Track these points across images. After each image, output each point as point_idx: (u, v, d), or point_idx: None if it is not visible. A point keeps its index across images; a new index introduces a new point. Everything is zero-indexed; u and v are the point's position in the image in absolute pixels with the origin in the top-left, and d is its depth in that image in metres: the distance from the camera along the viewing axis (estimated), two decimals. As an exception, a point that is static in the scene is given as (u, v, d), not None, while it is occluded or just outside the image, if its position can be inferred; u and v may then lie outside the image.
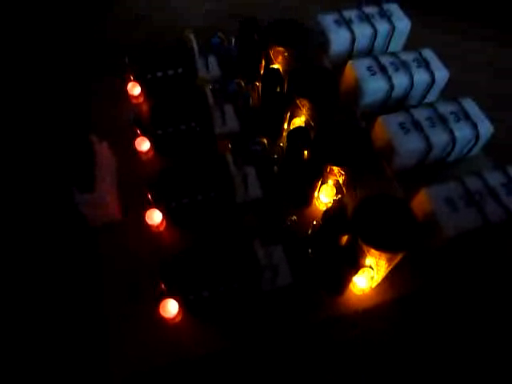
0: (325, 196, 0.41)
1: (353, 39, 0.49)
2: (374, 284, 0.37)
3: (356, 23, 0.49)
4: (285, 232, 0.38)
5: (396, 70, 0.46)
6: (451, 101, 0.44)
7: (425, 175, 0.44)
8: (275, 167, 0.41)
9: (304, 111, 0.42)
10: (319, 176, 0.39)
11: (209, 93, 0.43)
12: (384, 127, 0.43)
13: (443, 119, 0.43)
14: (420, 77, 0.46)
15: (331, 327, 0.36)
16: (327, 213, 0.35)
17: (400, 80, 0.45)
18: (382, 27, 0.49)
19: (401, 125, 0.42)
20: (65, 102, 0.49)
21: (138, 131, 0.42)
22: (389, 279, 0.37)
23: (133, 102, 0.47)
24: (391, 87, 0.45)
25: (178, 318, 0.35)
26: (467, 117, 0.43)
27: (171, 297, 0.33)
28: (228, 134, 0.43)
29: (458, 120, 0.43)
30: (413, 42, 0.52)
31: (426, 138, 0.41)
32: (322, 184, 0.40)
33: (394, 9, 0.51)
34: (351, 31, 0.49)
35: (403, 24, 0.50)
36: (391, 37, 0.51)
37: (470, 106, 0.44)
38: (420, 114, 0.43)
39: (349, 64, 0.47)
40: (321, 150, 0.38)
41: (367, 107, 0.47)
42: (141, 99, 0.47)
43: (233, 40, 0.48)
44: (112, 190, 0.40)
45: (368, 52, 0.52)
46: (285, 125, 0.45)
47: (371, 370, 0.35)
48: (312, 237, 0.37)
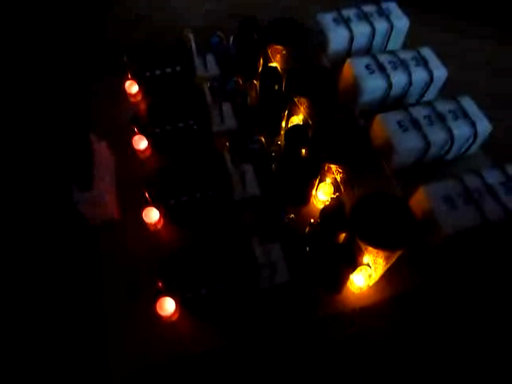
0: (323, 194, 0.41)
1: (351, 38, 0.49)
2: (372, 282, 0.37)
3: (354, 22, 0.49)
4: (283, 230, 0.38)
5: (394, 69, 0.46)
6: (449, 99, 0.44)
7: (423, 173, 0.44)
8: (273, 165, 0.41)
9: (302, 109, 0.42)
10: (317, 174, 0.39)
11: (207, 91, 0.43)
12: (382, 125, 0.42)
13: (441, 117, 0.42)
14: (418, 75, 0.46)
15: (329, 325, 0.36)
16: (325, 211, 0.35)
17: (398, 78, 0.45)
18: (381, 26, 0.49)
19: (399, 123, 0.42)
20: (64, 102, 0.49)
21: (136, 129, 0.42)
22: (387, 277, 0.37)
23: (131, 101, 0.47)
24: (389, 86, 0.45)
25: (176, 316, 0.35)
26: (465, 115, 0.43)
27: (168, 295, 0.33)
28: (226, 132, 0.43)
29: (457, 118, 0.43)
30: (411, 41, 0.52)
31: (425, 137, 0.41)
32: (320, 182, 0.40)
33: (393, 7, 0.51)
34: (350, 30, 0.49)
35: (402, 23, 0.50)
36: (390, 35, 0.51)
37: (469, 105, 0.44)
38: (418, 113, 0.43)
39: (347, 62, 0.47)
40: (319, 148, 0.38)
41: (366, 105, 0.47)
42: (139, 97, 0.47)
43: (231, 39, 0.48)
44: (111, 189, 0.40)
45: (367, 50, 0.52)
46: (283, 123, 0.45)
47: (369, 368, 0.35)
48: (310, 235, 0.37)
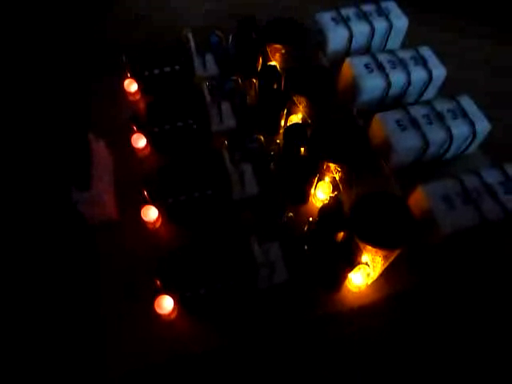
0: (321, 193, 0.41)
1: (350, 37, 0.49)
2: (370, 281, 0.37)
3: (354, 21, 0.49)
4: (281, 229, 0.38)
5: (393, 68, 0.46)
6: (448, 98, 0.44)
7: (422, 173, 0.44)
8: (272, 164, 0.41)
9: (301, 108, 0.42)
10: (316, 173, 0.39)
11: (206, 90, 0.43)
12: (381, 124, 0.43)
13: (440, 117, 0.42)
14: (417, 74, 0.46)
15: (327, 324, 0.36)
16: (324, 210, 0.35)
17: (397, 78, 0.45)
18: (380, 25, 0.49)
19: (398, 122, 0.42)
20: (63, 101, 0.49)
21: (135, 128, 0.42)
22: (385, 276, 0.37)
23: (130, 100, 0.47)
24: (388, 85, 0.45)
25: (174, 315, 0.35)
26: (464, 114, 0.43)
27: (166, 293, 0.33)
28: (225, 132, 0.43)
29: (455, 117, 0.43)
30: (410, 40, 0.53)
31: (423, 136, 0.41)
32: (319, 181, 0.40)
33: (392, 6, 0.51)
34: (349, 29, 0.49)
35: (401, 22, 0.50)
36: (389, 35, 0.51)
37: (467, 104, 0.44)
38: (417, 112, 0.43)
39: (346, 61, 0.47)
40: (318, 147, 0.38)
41: (364, 105, 0.47)
42: (138, 96, 0.47)
43: (230, 38, 0.48)
44: (109, 189, 0.40)
45: (366, 50, 0.52)
46: (282, 122, 0.45)
47: (367, 367, 0.35)
48: (308, 234, 0.37)
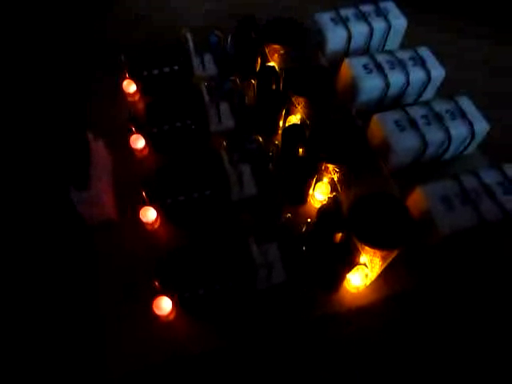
0: (320, 193, 0.41)
1: (349, 37, 0.49)
2: (369, 282, 0.37)
3: (352, 21, 0.49)
4: (280, 229, 0.38)
5: (392, 68, 0.46)
6: (447, 99, 0.44)
7: (420, 173, 0.44)
8: (270, 165, 0.41)
9: (299, 109, 0.42)
10: (314, 174, 0.39)
11: (204, 91, 0.43)
12: (380, 125, 0.43)
13: (439, 117, 0.42)
14: (416, 75, 0.46)
15: (325, 325, 0.36)
16: (322, 210, 0.35)
17: (396, 78, 0.45)
18: (379, 25, 0.49)
19: (397, 123, 0.42)
20: (62, 101, 0.49)
21: (133, 128, 0.42)
22: (383, 277, 0.37)
23: (129, 100, 0.47)
24: (387, 85, 0.45)
25: (172, 316, 0.35)
26: (463, 115, 0.43)
27: (164, 294, 0.33)
28: (223, 132, 0.43)
29: (454, 118, 0.43)
30: (409, 41, 0.53)
31: (422, 136, 0.41)
32: (317, 182, 0.40)
33: (391, 7, 0.51)
34: (348, 29, 0.49)
35: (399, 22, 0.50)
36: (387, 35, 0.51)
37: (466, 104, 0.44)
38: (416, 112, 0.43)
39: (345, 62, 0.47)
40: (316, 148, 0.38)
41: (363, 105, 0.47)
42: (137, 97, 0.47)
43: (229, 38, 0.48)
44: (108, 189, 0.40)
45: (364, 50, 0.52)
46: (280, 122, 0.45)
47: (365, 368, 0.35)
48: (307, 234, 0.37)
